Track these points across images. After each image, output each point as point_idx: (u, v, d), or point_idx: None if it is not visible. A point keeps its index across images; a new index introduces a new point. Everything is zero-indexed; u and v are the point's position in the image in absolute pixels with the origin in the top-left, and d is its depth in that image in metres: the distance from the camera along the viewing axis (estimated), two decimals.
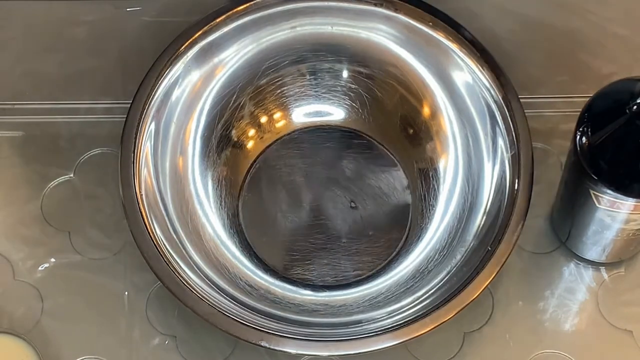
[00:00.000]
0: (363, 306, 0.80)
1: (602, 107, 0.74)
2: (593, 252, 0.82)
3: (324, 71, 0.88)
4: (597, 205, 0.76)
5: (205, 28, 0.82)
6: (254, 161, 0.87)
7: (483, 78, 0.82)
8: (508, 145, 0.80)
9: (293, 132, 0.88)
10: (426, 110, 0.86)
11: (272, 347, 0.73)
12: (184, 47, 0.82)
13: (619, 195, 0.73)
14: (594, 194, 0.75)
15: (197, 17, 0.83)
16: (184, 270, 0.76)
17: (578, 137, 0.74)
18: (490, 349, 0.81)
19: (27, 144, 0.89)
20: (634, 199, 0.73)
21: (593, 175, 0.74)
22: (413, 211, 0.85)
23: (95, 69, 0.89)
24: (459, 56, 0.83)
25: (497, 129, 0.81)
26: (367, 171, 0.87)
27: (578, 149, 0.74)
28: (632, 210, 0.74)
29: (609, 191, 0.73)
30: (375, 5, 0.84)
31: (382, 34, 0.85)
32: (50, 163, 0.88)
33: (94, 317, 0.82)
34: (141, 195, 0.77)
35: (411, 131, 0.87)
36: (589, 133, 0.74)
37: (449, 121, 0.85)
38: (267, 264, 0.83)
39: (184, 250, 0.79)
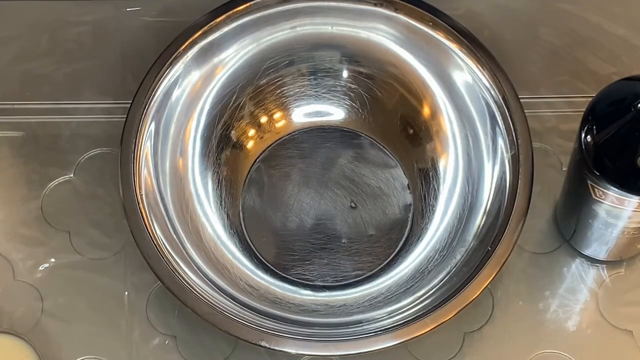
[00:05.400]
0: (363, 306, 0.80)
1: (607, 105, 0.74)
2: (596, 249, 0.82)
3: (324, 71, 0.88)
4: (602, 202, 0.76)
5: (205, 28, 0.83)
6: (254, 161, 0.87)
7: (483, 78, 0.82)
8: (508, 145, 0.80)
9: (293, 132, 0.88)
10: (426, 110, 0.86)
11: (272, 347, 0.73)
12: (184, 47, 0.82)
13: (624, 193, 0.73)
14: (598, 191, 0.75)
15: (197, 17, 0.83)
16: (184, 270, 0.76)
17: (583, 135, 0.74)
18: (490, 348, 0.81)
19: (27, 144, 0.89)
20: (639, 197, 0.73)
21: (598, 173, 0.74)
22: (413, 211, 0.85)
23: (95, 69, 0.89)
24: (459, 56, 0.83)
25: (497, 129, 0.81)
26: (367, 171, 0.87)
27: (583, 147, 0.74)
28: (636, 208, 0.75)
29: (613, 188, 0.74)
30: (375, 5, 0.84)
31: (382, 34, 0.85)
32: (50, 163, 0.88)
33: (94, 317, 0.82)
34: (141, 195, 0.78)
35: (411, 131, 0.87)
36: (594, 131, 0.74)
37: (449, 121, 0.85)
38: (267, 264, 0.83)
39: (184, 250, 0.79)
